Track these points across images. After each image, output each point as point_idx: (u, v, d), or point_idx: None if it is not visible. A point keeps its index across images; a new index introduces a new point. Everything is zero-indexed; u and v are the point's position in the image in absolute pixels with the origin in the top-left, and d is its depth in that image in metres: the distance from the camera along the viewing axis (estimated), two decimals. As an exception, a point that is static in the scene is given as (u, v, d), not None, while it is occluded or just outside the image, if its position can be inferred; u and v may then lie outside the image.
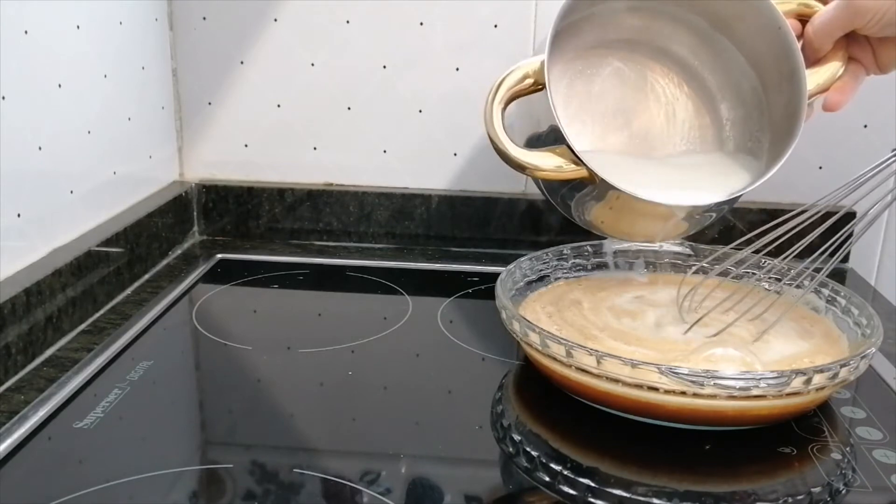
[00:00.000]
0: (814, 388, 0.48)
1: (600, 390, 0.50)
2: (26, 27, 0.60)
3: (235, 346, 0.62)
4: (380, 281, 0.76)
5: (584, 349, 0.49)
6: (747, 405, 0.48)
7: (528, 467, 0.48)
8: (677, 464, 0.49)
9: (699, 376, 0.47)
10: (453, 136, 0.84)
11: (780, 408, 0.49)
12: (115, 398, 0.53)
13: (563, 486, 0.46)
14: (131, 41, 0.76)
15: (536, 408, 0.55)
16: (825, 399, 0.54)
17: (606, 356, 0.48)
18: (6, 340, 0.55)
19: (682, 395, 0.48)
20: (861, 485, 0.47)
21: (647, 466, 0.49)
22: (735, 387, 0.47)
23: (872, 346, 0.51)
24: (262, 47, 0.83)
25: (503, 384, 0.58)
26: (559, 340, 0.50)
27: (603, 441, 0.51)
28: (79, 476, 0.46)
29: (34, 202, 0.62)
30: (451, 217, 0.85)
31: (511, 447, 0.50)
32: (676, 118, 0.66)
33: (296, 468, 0.47)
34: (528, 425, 0.53)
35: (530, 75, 0.55)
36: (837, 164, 0.84)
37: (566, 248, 0.68)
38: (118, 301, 0.70)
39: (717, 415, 0.49)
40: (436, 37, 0.82)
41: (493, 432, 0.52)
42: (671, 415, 0.49)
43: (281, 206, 0.86)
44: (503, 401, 0.56)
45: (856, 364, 0.50)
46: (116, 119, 0.74)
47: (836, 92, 0.59)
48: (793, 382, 0.47)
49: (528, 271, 0.65)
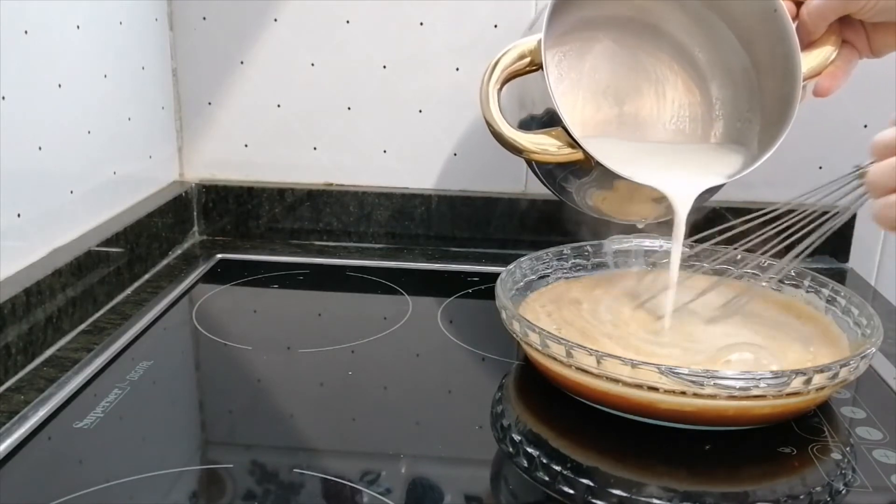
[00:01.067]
0: (814, 388, 0.48)
1: (600, 390, 0.50)
2: (26, 27, 0.60)
3: (235, 346, 0.62)
4: (380, 281, 0.76)
5: (584, 349, 0.49)
6: (748, 405, 0.48)
7: (527, 467, 0.48)
8: (677, 464, 0.49)
9: (699, 376, 0.47)
10: (453, 136, 0.84)
11: (780, 407, 0.49)
12: (115, 398, 0.53)
13: (562, 485, 0.46)
14: (131, 41, 0.76)
15: (537, 408, 0.55)
16: (825, 399, 0.54)
17: (606, 356, 0.48)
18: (6, 340, 0.55)
19: (682, 395, 0.48)
20: (861, 485, 0.47)
21: (646, 467, 0.49)
22: (735, 387, 0.47)
23: (872, 346, 0.51)
24: (262, 47, 0.83)
25: (503, 384, 0.58)
26: (559, 340, 0.50)
27: (603, 441, 0.51)
28: (79, 476, 0.46)
29: (34, 202, 0.62)
30: (451, 217, 0.85)
31: (511, 447, 0.50)
32: (667, 98, 0.65)
33: (296, 468, 0.47)
34: (529, 425, 0.53)
35: (526, 55, 0.54)
36: (837, 164, 0.83)
37: (566, 248, 0.68)
38: (118, 301, 0.70)
39: (717, 415, 0.49)
40: (436, 37, 0.81)
41: (493, 432, 0.52)
42: (671, 415, 0.49)
43: (281, 206, 0.86)
44: (503, 401, 0.56)
45: (856, 364, 0.50)
46: (116, 119, 0.74)
47: (828, 77, 0.58)
48: (793, 382, 0.47)
49: (529, 271, 0.65)
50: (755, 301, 0.62)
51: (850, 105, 0.82)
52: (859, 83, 0.81)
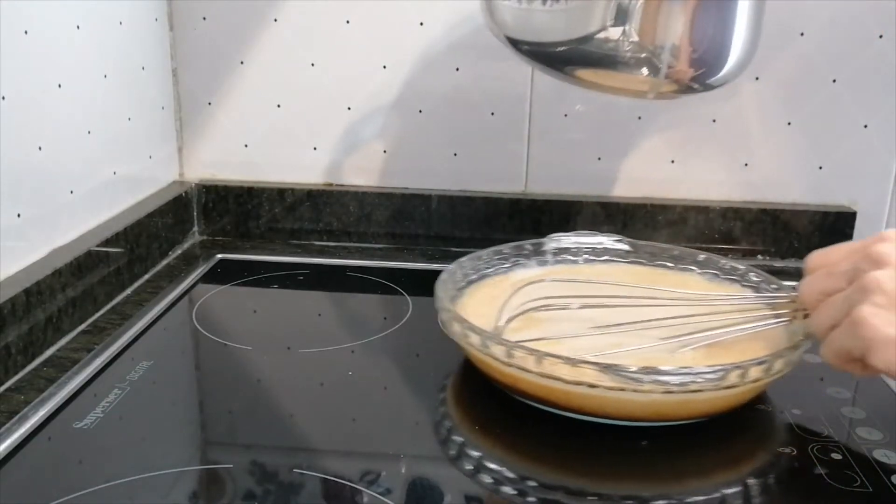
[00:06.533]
0: (750, 380, 0.49)
1: (541, 394, 0.51)
2: (26, 27, 0.60)
3: (235, 346, 0.62)
4: (380, 281, 0.76)
5: (524, 349, 0.49)
6: (687, 399, 0.49)
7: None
8: (620, 461, 0.49)
9: (637, 373, 0.47)
10: (453, 136, 0.84)
11: (721, 400, 0.50)
12: (115, 398, 0.53)
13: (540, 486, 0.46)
14: (131, 41, 0.76)
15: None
16: (763, 390, 0.54)
17: (548, 356, 0.49)
18: (6, 340, 0.55)
19: (620, 391, 0.48)
20: (861, 485, 0.47)
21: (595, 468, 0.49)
22: (673, 382, 0.47)
23: (807, 338, 0.51)
24: (262, 47, 0.83)
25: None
26: (501, 342, 0.50)
27: (572, 445, 0.51)
28: (79, 476, 0.46)
29: (34, 202, 0.62)
30: (451, 217, 0.85)
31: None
32: None
33: (296, 468, 0.47)
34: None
35: None
36: (837, 164, 0.84)
37: (506, 248, 0.67)
38: (118, 301, 0.70)
39: (655, 411, 0.50)
40: (436, 37, 0.82)
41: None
42: (611, 412, 0.50)
43: (281, 206, 0.86)
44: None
45: (789, 356, 0.50)
46: (116, 119, 0.74)
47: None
48: (729, 376, 0.48)
49: (470, 271, 0.64)
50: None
51: (850, 105, 0.82)
52: (859, 83, 0.81)
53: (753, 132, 0.83)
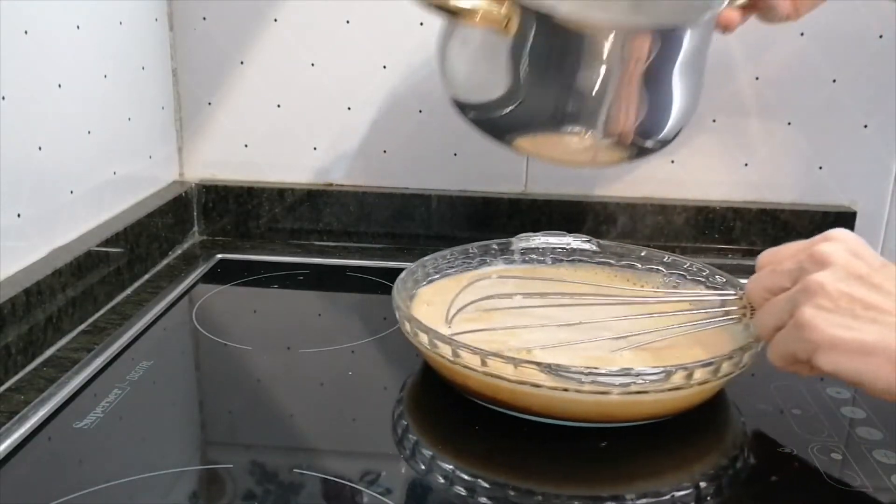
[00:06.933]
0: (696, 382, 0.48)
1: (488, 392, 0.51)
2: (26, 27, 0.60)
3: (235, 346, 0.62)
4: (380, 281, 0.76)
5: (469, 349, 0.49)
6: (633, 400, 0.48)
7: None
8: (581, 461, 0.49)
9: (578, 373, 0.47)
10: (453, 136, 0.84)
11: (668, 402, 0.50)
12: (115, 398, 0.53)
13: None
14: (131, 41, 0.76)
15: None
16: (715, 392, 0.53)
17: (492, 356, 0.49)
18: (6, 340, 0.55)
19: (564, 391, 0.48)
20: (861, 485, 0.47)
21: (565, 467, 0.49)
22: (615, 383, 0.47)
23: (757, 341, 0.51)
24: (262, 47, 0.83)
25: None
26: (447, 340, 0.50)
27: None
28: (79, 476, 0.46)
29: (34, 202, 0.62)
30: (451, 217, 0.85)
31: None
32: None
33: (296, 468, 0.47)
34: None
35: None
36: (837, 164, 0.84)
37: (472, 247, 0.67)
38: (118, 301, 0.70)
39: (601, 411, 0.49)
40: (436, 37, 0.81)
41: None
42: (558, 412, 0.50)
43: (281, 206, 0.86)
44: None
45: (738, 358, 0.50)
46: (116, 119, 0.74)
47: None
48: (673, 377, 0.48)
49: (432, 270, 0.65)
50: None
51: (850, 105, 0.82)
52: (859, 83, 0.81)
53: (753, 132, 0.83)
